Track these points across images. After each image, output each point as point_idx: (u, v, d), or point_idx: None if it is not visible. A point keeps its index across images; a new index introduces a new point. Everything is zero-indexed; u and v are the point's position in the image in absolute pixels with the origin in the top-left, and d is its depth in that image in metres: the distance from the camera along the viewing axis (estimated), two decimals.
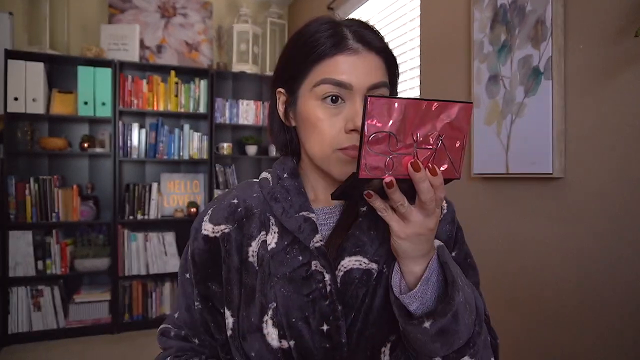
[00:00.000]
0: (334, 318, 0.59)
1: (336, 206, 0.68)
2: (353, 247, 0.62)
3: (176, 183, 3.25)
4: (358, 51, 0.59)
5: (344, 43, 0.59)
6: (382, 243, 0.62)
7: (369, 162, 0.47)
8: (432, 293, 0.55)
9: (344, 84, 0.58)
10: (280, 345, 0.60)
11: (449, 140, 0.49)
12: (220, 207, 0.69)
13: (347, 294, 0.60)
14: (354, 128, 0.58)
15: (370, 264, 0.61)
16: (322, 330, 0.59)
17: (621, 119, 1.13)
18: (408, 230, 0.52)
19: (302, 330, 0.59)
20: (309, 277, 0.60)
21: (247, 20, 3.39)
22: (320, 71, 0.60)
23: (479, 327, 0.57)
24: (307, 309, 0.60)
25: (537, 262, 1.38)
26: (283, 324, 0.60)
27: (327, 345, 0.59)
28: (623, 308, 1.13)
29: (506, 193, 1.50)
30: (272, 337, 0.60)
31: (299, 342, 0.59)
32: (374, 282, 0.62)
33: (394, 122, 0.47)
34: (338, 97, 0.59)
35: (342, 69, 0.58)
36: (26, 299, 2.73)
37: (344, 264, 0.61)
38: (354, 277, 0.60)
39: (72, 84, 2.94)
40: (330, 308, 0.59)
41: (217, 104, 3.23)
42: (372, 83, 0.59)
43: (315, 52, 0.60)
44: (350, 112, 0.59)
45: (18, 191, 2.73)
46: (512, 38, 1.44)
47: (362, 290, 0.60)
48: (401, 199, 0.50)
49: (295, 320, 0.60)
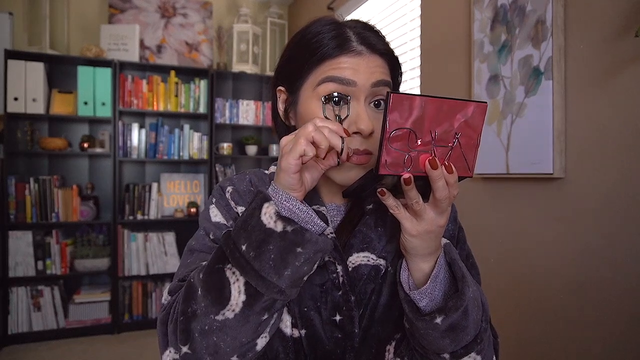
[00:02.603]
0: (347, 308, 0.59)
1: (342, 204, 0.68)
2: (361, 243, 0.61)
3: (176, 183, 3.25)
4: (362, 53, 0.59)
5: (348, 45, 0.58)
6: (389, 240, 0.62)
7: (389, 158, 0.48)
8: (439, 290, 0.56)
9: (347, 81, 0.57)
10: (292, 333, 0.60)
11: (464, 139, 0.50)
12: (240, 190, 0.66)
13: (356, 289, 0.60)
14: (357, 130, 0.57)
15: (379, 259, 0.61)
16: (335, 321, 0.59)
17: (621, 119, 1.13)
18: (420, 228, 0.52)
19: (314, 320, 0.59)
20: (322, 267, 0.60)
21: (247, 20, 3.39)
22: (323, 70, 0.59)
23: (485, 323, 0.58)
24: (319, 299, 0.60)
25: (538, 262, 1.38)
26: (295, 312, 0.60)
27: (339, 335, 0.59)
28: (623, 308, 1.13)
29: (506, 193, 1.50)
30: (285, 324, 0.60)
31: (310, 331, 0.59)
32: (381, 279, 0.62)
33: (414, 119, 0.47)
34: (340, 100, 0.58)
35: (345, 67, 0.58)
36: (26, 299, 2.73)
37: (352, 260, 0.61)
38: (363, 273, 0.60)
39: (72, 84, 2.94)
40: (343, 298, 0.59)
41: (217, 104, 3.23)
42: (376, 80, 0.59)
43: (318, 52, 0.59)
44: (354, 114, 0.58)
45: (18, 191, 2.73)
46: (512, 38, 1.44)
47: (371, 286, 0.61)
48: (417, 196, 0.50)
49: (307, 310, 0.60)
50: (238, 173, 0.70)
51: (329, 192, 0.68)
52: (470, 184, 1.66)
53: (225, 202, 0.65)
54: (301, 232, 0.49)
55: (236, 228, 0.52)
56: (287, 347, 0.60)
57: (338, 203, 0.68)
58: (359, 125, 0.57)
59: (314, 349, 0.60)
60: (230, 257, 0.51)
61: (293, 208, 0.52)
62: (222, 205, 0.65)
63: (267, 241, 0.49)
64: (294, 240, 0.49)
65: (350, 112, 0.58)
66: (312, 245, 0.49)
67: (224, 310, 0.50)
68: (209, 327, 0.50)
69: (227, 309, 0.50)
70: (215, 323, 0.50)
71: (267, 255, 0.49)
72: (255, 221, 0.50)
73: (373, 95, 0.60)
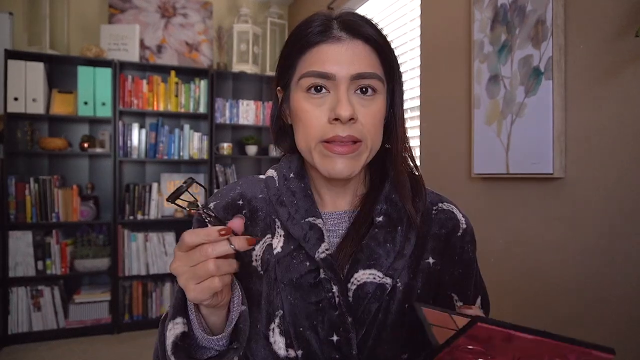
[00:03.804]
0: (344, 330, 0.56)
1: (346, 212, 0.65)
2: (367, 259, 0.58)
3: (176, 183, 3.24)
4: (341, 39, 0.57)
5: (328, 32, 0.57)
6: (397, 257, 0.59)
7: None
8: None
9: (325, 75, 0.56)
10: (287, 354, 0.57)
11: None
12: (223, 205, 0.66)
13: (360, 308, 0.57)
14: (336, 117, 0.55)
15: (385, 278, 0.58)
16: (332, 341, 0.56)
17: (621, 119, 1.13)
18: None
19: (310, 340, 0.57)
20: (317, 285, 0.57)
21: (247, 20, 3.39)
22: (306, 63, 0.58)
23: None
24: (315, 318, 0.57)
25: (538, 262, 1.38)
26: (290, 333, 0.57)
27: (337, 356, 0.56)
28: (624, 307, 1.13)
29: (506, 193, 1.50)
30: (279, 345, 0.58)
31: (307, 351, 0.57)
32: (387, 297, 0.59)
33: (496, 348, 0.37)
34: (322, 87, 0.57)
35: (325, 58, 0.56)
36: (26, 299, 2.73)
37: (357, 277, 0.58)
38: (367, 291, 0.57)
39: (72, 84, 2.94)
40: (339, 319, 0.56)
41: (217, 104, 3.23)
42: (357, 72, 0.56)
43: (301, 42, 0.58)
44: (333, 101, 0.57)
45: (18, 191, 2.73)
46: (512, 38, 1.44)
47: (375, 305, 0.58)
48: None
49: (303, 330, 0.57)
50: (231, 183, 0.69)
51: (330, 198, 0.65)
52: (470, 184, 1.66)
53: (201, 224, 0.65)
54: None
55: None
56: None
57: (341, 210, 0.65)
58: (337, 111, 0.55)
59: None
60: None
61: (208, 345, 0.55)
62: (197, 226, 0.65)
63: None
64: None
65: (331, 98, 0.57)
66: None
67: None
68: None
69: None
70: None
71: None
72: None
73: (356, 85, 0.57)
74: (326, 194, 0.65)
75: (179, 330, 0.53)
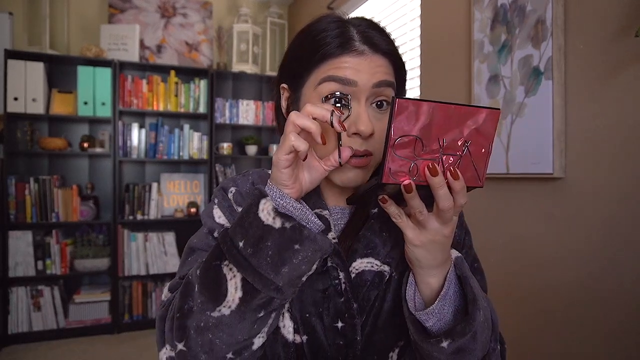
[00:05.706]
0: (349, 316, 0.57)
1: (346, 207, 0.66)
2: (365, 248, 0.60)
3: (176, 183, 3.25)
4: (364, 53, 0.57)
5: (350, 44, 0.57)
6: (394, 245, 0.61)
7: (393, 166, 0.45)
8: (449, 307, 0.53)
9: (348, 81, 0.56)
10: (294, 339, 0.59)
11: (474, 147, 0.47)
12: (242, 191, 0.66)
13: (359, 296, 0.59)
14: (356, 131, 0.56)
15: (382, 266, 0.60)
16: (337, 327, 0.58)
17: (621, 119, 1.13)
18: (423, 238, 0.50)
19: (316, 326, 0.58)
20: (324, 272, 0.59)
21: (247, 20, 3.39)
22: (324, 69, 0.58)
23: (494, 343, 0.56)
24: (321, 305, 0.59)
25: (538, 261, 1.38)
26: (297, 319, 0.59)
27: (341, 342, 0.58)
28: (624, 307, 1.13)
29: (506, 193, 1.50)
30: (288, 330, 0.59)
31: (312, 337, 0.58)
32: (384, 285, 0.60)
33: (421, 126, 0.45)
34: (341, 99, 0.57)
35: (347, 66, 0.57)
36: (26, 299, 2.73)
37: (356, 265, 0.59)
38: (366, 279, 0.59)
39: (72, 84, 2.94)
40: (345, 306, 0.58)
41: (217, 104, 3.23)
42: (378, 80, 0.57)
43: (320, 51, 0.58)
44: (354, 114, 0.57)
45: (18, 191, 2.73)
46: (512, 38, 1.44)
47: (374, 292, 0.59)
48: (420, 205, 0.48)
49: (309, 316, 0.59)
50: (241, 173, 0.69)
51: (333, 195, 0.66)
52: None
53: (228, 204, 0.64)
54: (299, 229, 0.48)
55: (233, 225, 0.51)
56: (289, 352, 0.59)
57: (342, 206, 0.66)
58: (358, 126, 0.56)
59: (316, 356, 0.59)
60: (227, 253, 0.50)
61: (287, 205, 0.51)
62: (224, 206, 0.64)
63: (265, 238, 0.48)
64: (292, 237, 0.48)
65: (351, 112, 0.57)
66: (311, 243, 0.49)
67: (220, 307, 0.50)
68: (205, 324, 0.50)
69: (223, 306, 0.49)
70: (211, 320, 0.50)
71: (265, 252, 0.48)
72: (252, 217, 0.49)
73: (375, 96, 0.58)
74: (329, 190, 0.66)
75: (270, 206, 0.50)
